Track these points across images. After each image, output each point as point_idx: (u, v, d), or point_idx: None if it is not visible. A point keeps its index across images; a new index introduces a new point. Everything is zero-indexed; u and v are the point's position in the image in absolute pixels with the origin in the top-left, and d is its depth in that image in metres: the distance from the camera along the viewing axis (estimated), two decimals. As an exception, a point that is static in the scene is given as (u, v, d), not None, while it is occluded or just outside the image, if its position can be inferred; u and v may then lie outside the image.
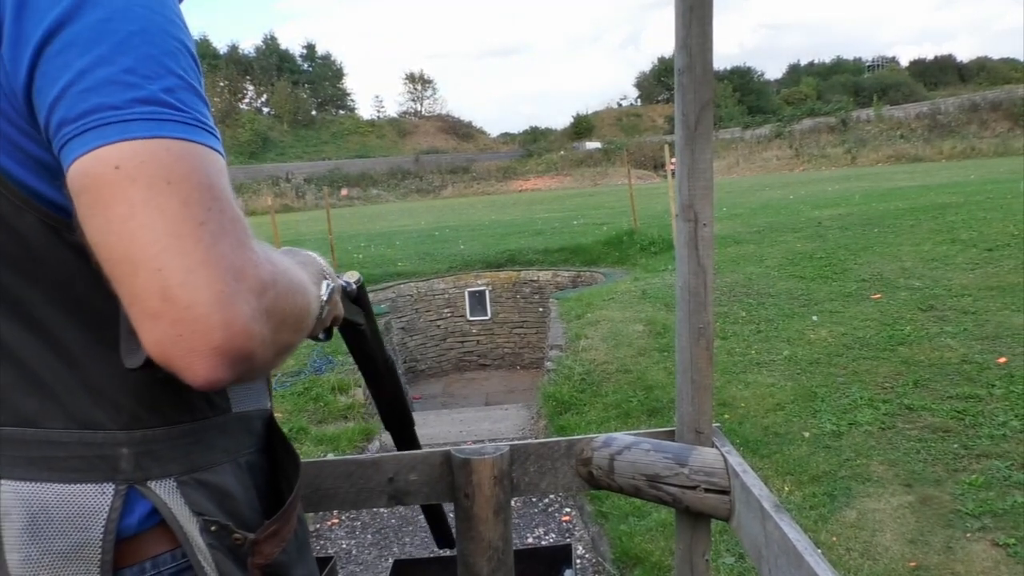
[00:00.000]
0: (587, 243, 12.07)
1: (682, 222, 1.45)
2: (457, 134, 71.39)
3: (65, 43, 0.58)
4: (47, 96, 0.59)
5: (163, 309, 0.55)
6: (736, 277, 8.06)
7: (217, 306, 0.55)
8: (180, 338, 0.56)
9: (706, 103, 1.39)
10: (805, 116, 53.04)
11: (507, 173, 54.21)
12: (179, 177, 0.57)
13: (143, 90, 0.58)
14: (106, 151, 0.56)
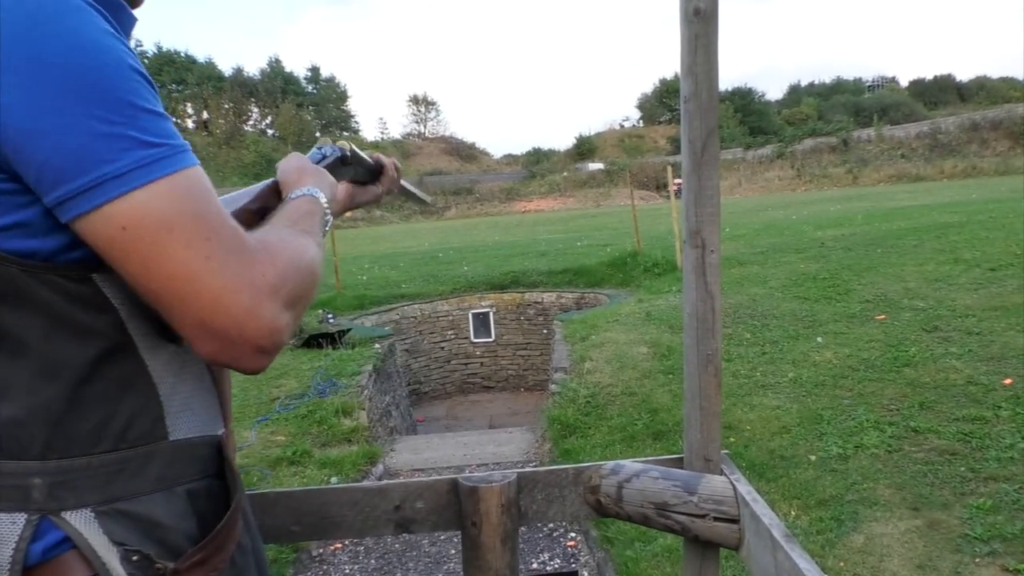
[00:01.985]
0: (591, 264, 12.09)
1: (689, 248, 1.45)
2: (460, 155, 71.74)
3: (34, 103, 0.62)
4: (29, 153, 0.63)
5: (205, 335, 0.68)
6: (740, 298, 8.06)
7: (247, 321, 0.68)
8: (225, 351, 0.70)
9: (712, 129, 1.40)
10: (806, 136, 53.22)
11: (510, 194, 54.41)
12: (177, 222, 0.66)
13: (123, 139, 0.65)
14: (109, 211, 0.64)
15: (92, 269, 0.70)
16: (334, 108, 75.87)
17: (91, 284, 0.71)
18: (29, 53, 0.63)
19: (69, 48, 0.64)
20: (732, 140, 60.01)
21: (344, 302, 10.71)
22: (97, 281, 0.71)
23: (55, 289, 0.69)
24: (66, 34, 0.64)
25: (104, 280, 0.72)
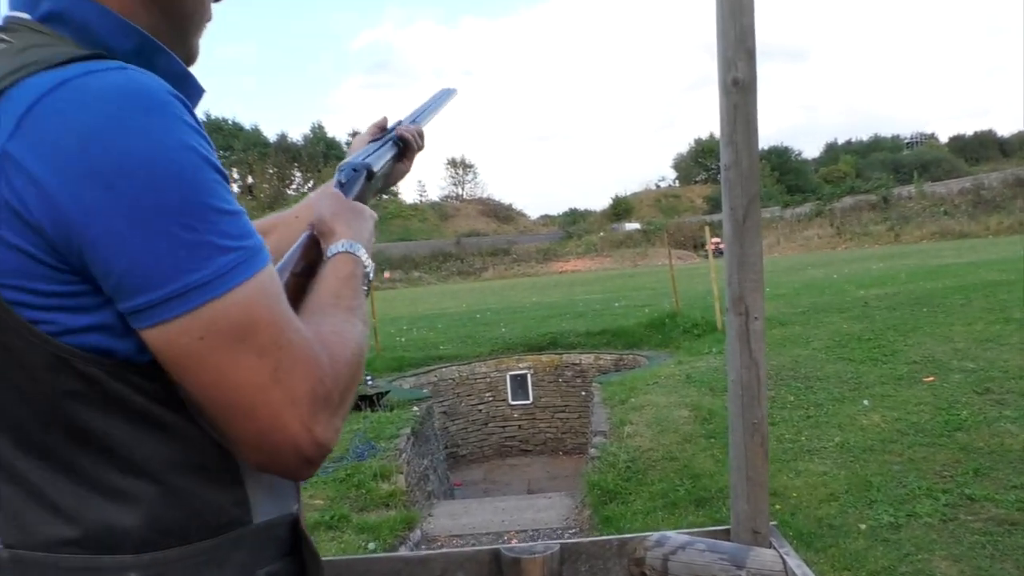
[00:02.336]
0: (629, 325, 12.02)
1: (733, 315, 1.45)
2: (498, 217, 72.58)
3: (115, 211, 0.62)
4: (108, 261, 0.63)
5: (259, 447, 0.69)
6: (783, 360, 7.92)
7: (302, 436, 0.68)
8: (275, 463, 0.70)
9: (754, 197, 1.41)
10: (845, 194, 52.86)
11: (547, 255, 54.68)
12: (251, 331, 0.66)
13: (205, 247, 0.64)
14: (187, 321, 0.64)
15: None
16: (374, 172, 77.56)
17: (166, 383, 0.70)
18: (111, 158, 0.62)
19: (152, 153, 0.63)
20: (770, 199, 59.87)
21: (383, 363, 10.77)
22: (166, 380, 0.70)
23: (136, 388, 0.69)
24: (149, 137, 0.63)
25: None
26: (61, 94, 0.63)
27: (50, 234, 0.63)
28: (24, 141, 0.62)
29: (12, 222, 0.63)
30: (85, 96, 0.63)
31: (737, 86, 1.47)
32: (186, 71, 0.81)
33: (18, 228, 0.63)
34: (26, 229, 0.63)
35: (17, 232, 0.63)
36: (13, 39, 0.70)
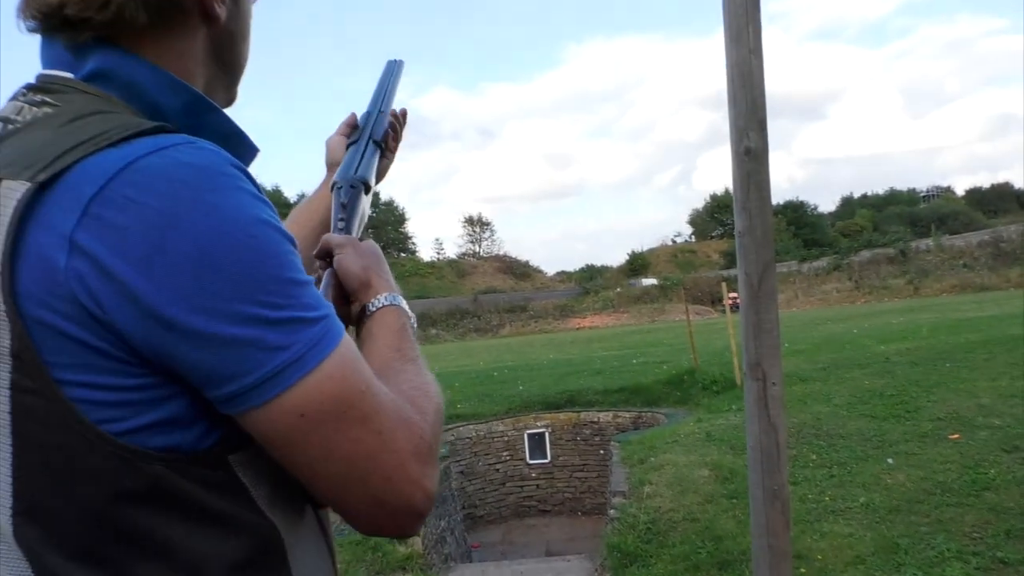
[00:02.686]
0: (647, 382, 11.93)
1: (750, 380, 1.45)
2: (514, 273, 72.84)
3: (197, 298, 0.60)
4: (192, 352, 0.61)
5: (377, 511, 0.69)
6: (804, 417, 7.82)
7: (414, 492, 0.69)
8: (392, 524, 0.71)
9: (768, 263, 1.42)
10: (862, 248, 52.71)
11: (564, 311, 54.63)
12: (348, 400, 0.66)
13: (292, 323, 0.64)
14: (287, 400, 0.63)
15: (228, 451, 0.68)
16: (392, 230, 78.53)
17: (228, 469, 0.68)
18: (188, 246, 0.60)
19: (229, 235, 0.61)
20: (786, 253, 59.78)
21: (400, 423, 10.72)
22: (233, 464, 0.69)
23: (197, 480, 0.66)
24: (223, 218, 0.61)
25: (239, 461, 0.69)
26: (128, 177, 0.60)
27: (123, 328, 0.61)
28: (94, 231, 0.59)
29: (80, 317, 0.60)
30: (154, 179, 0.61)
31: (749, 155, 1.51)
32: (238, 129, 0.79)
33: (87, 323, 0.61)
34: (95, 324, 0.61)
35: (85, 327, 0.61)
36: (60, 102, 0.68)
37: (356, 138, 1.14)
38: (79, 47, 0.71)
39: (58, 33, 0.71)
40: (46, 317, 0.60)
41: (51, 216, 0.60)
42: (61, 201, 0.60)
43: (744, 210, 1.46)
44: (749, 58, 1.48)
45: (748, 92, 1.48)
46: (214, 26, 0.78)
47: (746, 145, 1.49)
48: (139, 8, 0.70)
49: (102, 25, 0.70)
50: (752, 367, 1.45)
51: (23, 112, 0.68)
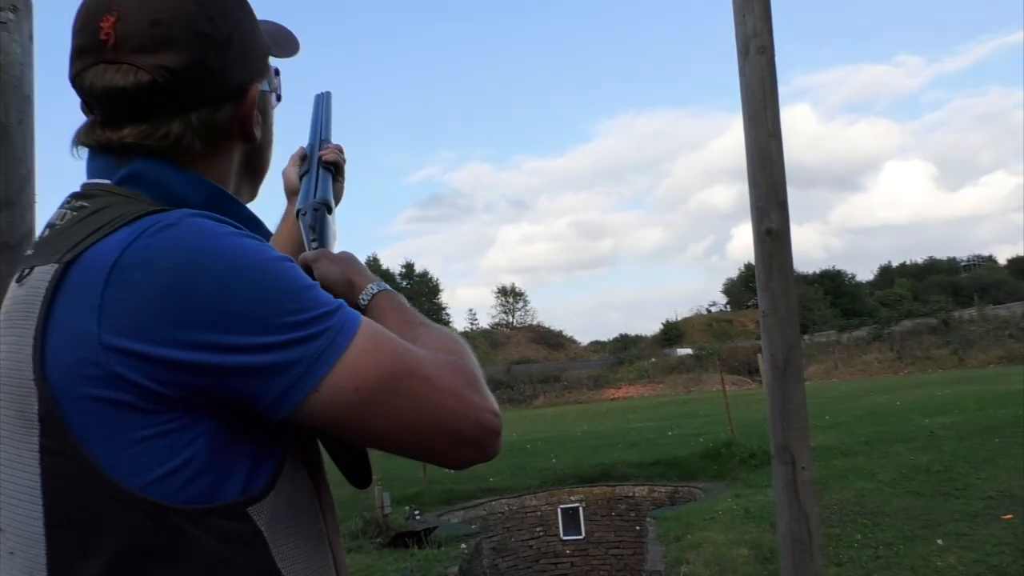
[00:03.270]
0: (683, 455, 11.68)
1: (779, 464, 1.42)
2: (548, 343, 72.56)
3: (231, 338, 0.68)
4: (243, 381, 0.68)
5: (463, 444, 0.76)
6: (846, 494, 7.56)
7: (483, 414, 0.76)
8: (479, 450, 0.77)
9: (793, 344, 1.41)
10: (903, 318, 51.62)
11: (598, 381, 54.05)
12: (391, 361, 0.73)
13: (318, 318, 0.71)
14: (334, 380, 0.70)
15: (248, 503, 0.72)
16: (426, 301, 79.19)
17: (247, 520, 0.72)
18: (204, 303, 0.67)
19: (246, 267, 0.70)
20: (824, 323, 58.79)
21: (431, 496, 10.59)
22: (252, 515, 0.72)
23: (215, 532, 0.70)
24: (236, 256, 0.70)
25: (258, 512, 0.72)
26: (142, 243, 0.69)
27: (165, 390, 0.67)
28: (120, 294, 0.67)
29: (108, 378, 0.67)
30: (166, 242, 0.69)
31: (771, 235, 1.51)
32: (253, 216, 0.88)
33: (116, 382, 0.67)
34: (137, 388, 0.67)
35: (114, 386, 0.67)
36: (90, 204, 0.77)
37: (307, 168, 1.21)
38: (121, 158, 0.80)
39: (111, 154, 0.80)
40: (73, 382, 0.67)
41: (78, 291, 0.68)
42: (86, 276, 0.69)
43: (767, 290, 1.46)
44: (768, 141, 1.50)
45: (768, 174, 1.50)
46: (250, 144, 0.89)
47: (767, 226, 1.49)
48: (195, 137, 0.81)
49: (158, 151, 0.79)
50: (780, 450, 1.42)
51: (65, 217, 0.78)
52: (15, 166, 1.53)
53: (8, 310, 0.75)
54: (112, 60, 0.76)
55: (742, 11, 1.61)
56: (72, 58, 0.80)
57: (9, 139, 1.54)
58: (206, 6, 0.80)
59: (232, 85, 0.83)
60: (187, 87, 0.78)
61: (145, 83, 0.76)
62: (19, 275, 0.76)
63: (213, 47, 0.80)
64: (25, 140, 1.56)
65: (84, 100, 0.81)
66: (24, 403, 0.70)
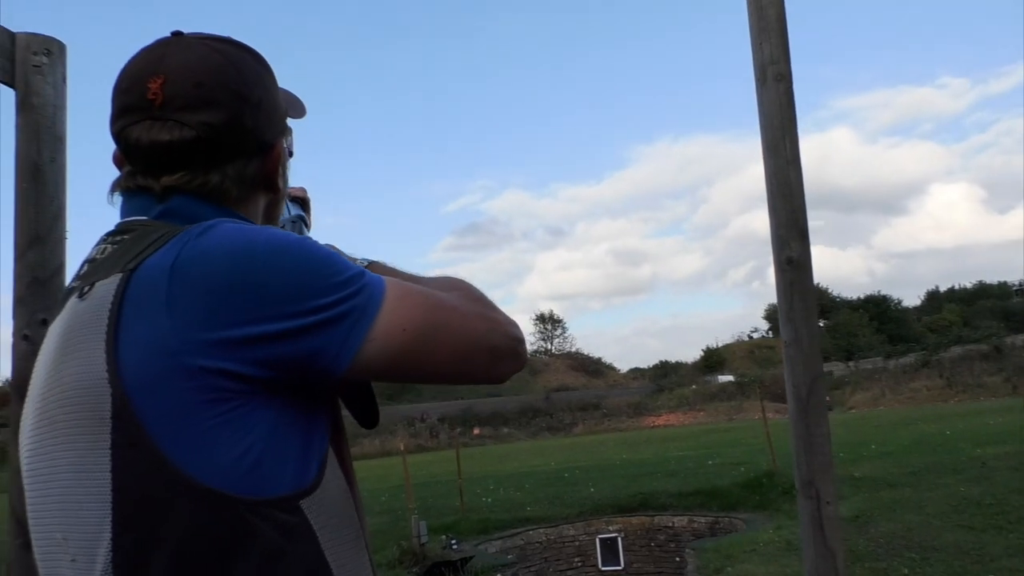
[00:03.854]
0: (724, 485, 11.45)
1: (803, 499, 1.39)
2: (587, 371, 72.12)
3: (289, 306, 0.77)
4: (300, 346, 0.77)
5: (500, 356, 0.90)
6: (893, 527, 7.33)
7: (509, 326, 0.92)
8: (515, 359, 0.91)
9: (817, 375, 1.38)
10: (952, 344, 50.24)
11: (638, 409, 53.48)
12: (423, 304, 0.85)
13: (351, 280, 0.81)
14: (382, 325, 0.81)
15: (300, 497, 0.78)
16: (465, 328, 79.22)
17: (300, 513, 0.78)
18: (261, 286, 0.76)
19: (285, 251, 0.79)
20: (870, 349, 57.53)
21: (468, 526, 10.53)
22: (304, 509, 0.79)
23: (273, 523, 0.76)
24: (276, 243, 0.79)
25: (308, 505, 0.79)
26: (194, 245, 0.77)
27: (242, 369, 0.75)
28: (188, 319, 0.74)
29: (179, 369, 0.73)
30: (213, 241, 0.78)
31: (791, 264, 1.49)
32: None
33: (199, 377, 0.74)
34: (209, 374, 0.74)
35: (195, 380, 0.73)
36: (129, 236, 0.84)
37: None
38: (159, 199, 0.88)
39: (149, 196, 0.88)
40: (145, 377, 0.73)
41: (145, 293, 0.76)
42: (150, 280, 0.76)
43: (789, 321, 1.43)
44: (787, 169, 1.49)
45: (787, 202, 1.48)
46: (273, 195, 0.99)
47: (788, 255, 1.47)
48: (233, 184, 0.90)
49: (197, 194, 0.87)
50: (804, 485, 1.39)
51: (105, 251, 0.85)
52: (46, 203, 1.58)
53: (72, 324, 0.80)
54: (159, 117, 0.85)
55: (759, 38, 1.61)
56: (116, 115, 0.88)
57: (41, 177, 1.59)
58: (242, 70, 0.90)
59: (261, 141, 0.92)
60: (225, 141, 0.87)
61: (189, 138, 0.85)
62: (79, 293, 0.82)
63: (247, 106, 0.89)
64: (57, 178, 1.62)
65: (124, 153, 0.89)
66: (97, 404, 0.75)
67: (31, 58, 1.64)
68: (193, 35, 0.91)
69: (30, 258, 1.56)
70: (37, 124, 1.60)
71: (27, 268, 1.56)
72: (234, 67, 0.89)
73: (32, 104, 1.62)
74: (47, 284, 1.57)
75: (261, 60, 0.96)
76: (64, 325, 0.82)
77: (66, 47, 1.71)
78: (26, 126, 1.62)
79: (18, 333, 1.54)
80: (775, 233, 1.47)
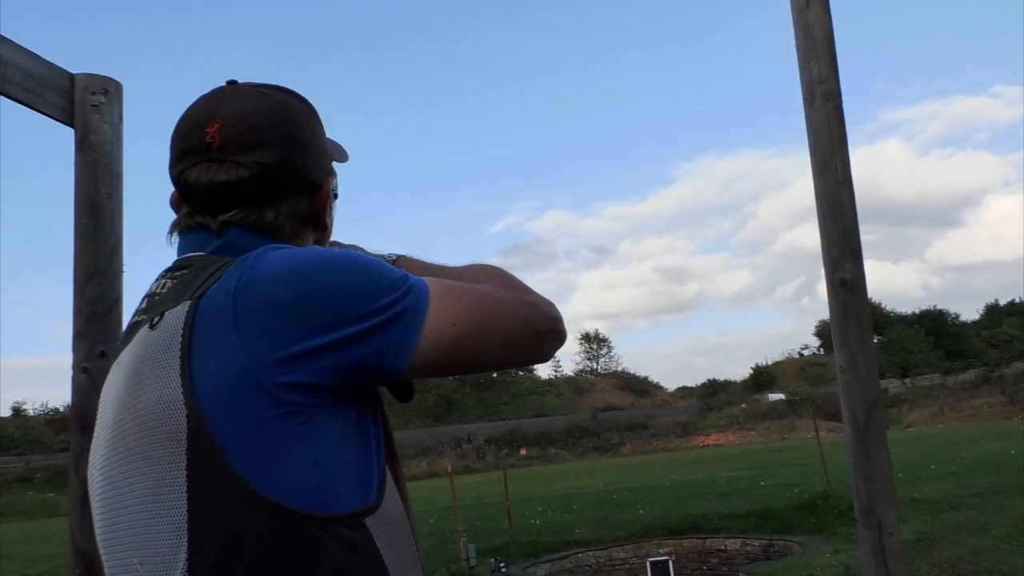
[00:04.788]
0: (777, 507, 11.18)
1: (864, 529, 1.35)
2: (633, 390, 71.36)
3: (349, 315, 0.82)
4: (362, 351, 0.82)
5: (545, 339, 0.95)
6: (958, 550, 7.07)
7: (546, 307, 0.96)
8: (557, 339, 0.97)
9: (875, 401, 1.34)
10: (1015, 359, 48.49)
11: (687, 428, 52.69)
12: (466, 298, 0.89)
13: (399, 283, 0.86)
14: (434, 322, 0.85)
15: (365, 514, 0.82)
16: (510, 348, 79.05)
17: (365, 531, 0.81)
18: (322, 300, 0.81)
19: (340, 266, 0.84)
20: (927, 365, 55.90)
21: (517, 548, 10.46)
22: (369, 527, 0.82)
23: (341, 540, 0.79)
24: (328, 260, 0.85)
25: (372, 523, 0.82)
26: (252, 268, 0.82)
27: (315, 379, 0.79)
28: (257, 337, 0.78)
29: (248, 386, 0.77)
30: (269, 263, 0.83)
31: (845, 287, 1.46)
32: None
33: (272, 392, 0.78)
34: (281, 389, 0.78)
35: (268, 395, 0.77)
36: (188, 271, 0.89)
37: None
38: (216, 234, 0.93)
39: (206, 232, 0.93)
40: (219, 397, 0.77)
41: (212, 318, 0.80)
42: (215, 305, 0.80)
43: (844, 345, 1.40)
44: (838, 189, 1.46)
45: (839, 222, 1.45)
46: (321, 232, 1.04)
47: (840, 276, 1.44)
48: (286, 220, 0.95)
49: (252, 229, 0.92)
50: (865, 515, 1.34)
51: (165, 286, 0.90)
52: (104, 239, 1.63)
53: (144, 353, 0.84)
54: (216, 159, 0.90)
55: (807, 57, 1.58)
56: (175, 159, 0.93)
57: (99, 213, 1.64)
58: (291, 114, 0.96)
59: (311, 180, 0.98)
60: (278, 180, 0.93)
61: (244, 177, 0.90)
62: (150, 324, 0.86)
63: (298, 147, 0.95)
64: (114, 214, 1.67)
65: (183, 194, 0.94)
66: (173, 426, 0.78)
67: (89, 98, 1.70)
68: (246, 84, 0.98)
69: (89, 292, 1.61)
70: (95, 162, 1.65)
71: (86, 302, 1.60)
72: (284, 111, 0.95)
73: (90, 143, 1.68)
74: (105, 318, 1.61)
75: (308, 105, 1.01)
76: (135, 355, 0.86)
77: (122, 86, 1.77)
78: (85, 164, 1.68)
79: (77, 366, 1.58)
80: (827, 254, 1.43)
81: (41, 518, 25.30)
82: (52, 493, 29.14)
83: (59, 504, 25.72)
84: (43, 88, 1.59)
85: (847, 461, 1.40)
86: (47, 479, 32.24)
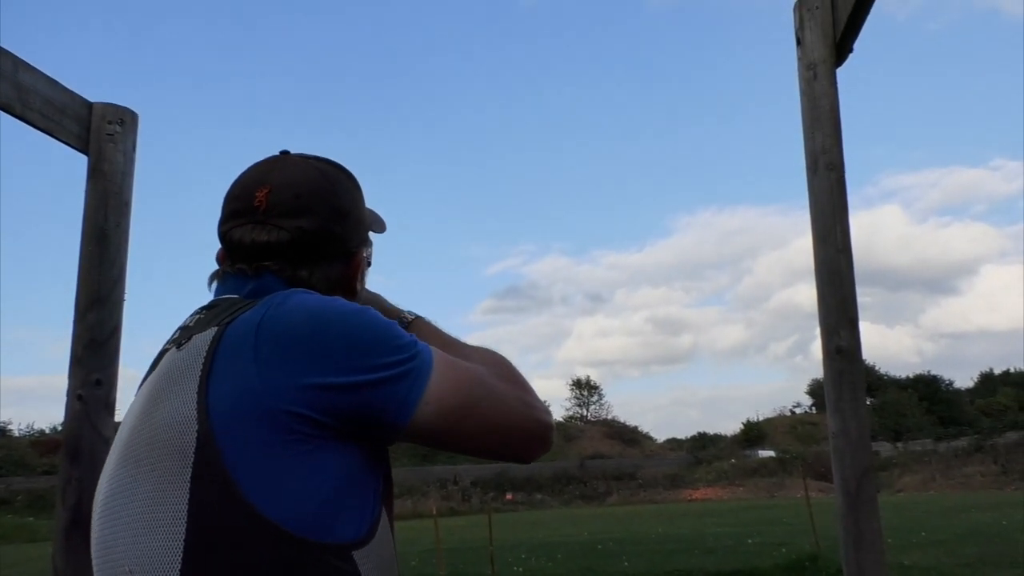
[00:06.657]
0: (764, 567, 11.01)
1: (852, 599, 1.34)
2: (623, 439, 70.71)
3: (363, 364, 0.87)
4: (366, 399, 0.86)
5: (534, 441, 0.98)
6: (944, 622, 6.95)
7: (542, 414, 0.99)
8: (544, 443, 0.99)
9: (867, 469, 1.35)
10: (1008, 429, 48.26)
11: (675, 481, 52.15)
12: (467, 378, 0.93)
13: (407, 346, 0.91)
14: (434, 391, 0.89)
15: (354, 547, 0.84)
16: (502, 390, 78.61)
17: (352, 563, 0.84)
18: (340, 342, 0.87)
19: (355, 319, 0.90)
20: (920, 430, 55.61)
21: (498, 596, 10.26)
22: (356, 559, 0.84)
23: (326, 569, 0.82)
24: (346, 311, 0.90)
25: (360, 557, 0.85)
26: (278, 306, 0.88)
27: (316, 415, 0.83)
28: (274, 367, 0.84)
29: (258, 413, 0.82)
30: (293, 304, 0.89)
31: (841, 354, 1.47)
32: None
33: (282, 418, 0.82)
34: (290, 417, 0.82)
35: (277, 420, 0.82)
36: (220, 305, 0.96)
37: None
38: (253, 278, 1.00)
39: (243, 276, 1.00)
40: (231, 417, 0.81)
41: (235, 343, 0.86)
42: (240, 334, 0.86)
43: (837, 411, 1.41)
44: (837, 257, 1.48)
45: (837, 290, 1.47)
46: (352, 297, 1.09)
47: (837, 344, 1.46)
48: (318, 281, 1.01)
49: (287, 282, 0.99)
50: (855, 586, 1.33)
51: (197, 319, 0.96)
52: (109, 266, 1.64)
53: (169, 371, 0.89)
54: (261, 221, 0.99)
55: (812, 127, 1.62)
56: (225, 218, 1.02)
57: (106, 241, 1.66)
58: (336, 185, 1.05)
59: (347, 248, 1.06)
60: (315, 244, 1.00)
61: (284, 240, 0.98)
62: (177, 344, 0.92)
63: (338, 217, 1.03)
64: (120, 242, 1.68)
65: (228, 250, 1.02)
66: (183, 440, 0.82)
67: (105, 127, 1.73)
68: (298, 154, 1.06)
69: (89, 319, 1.61)
70: (106, 190, 1.67)
71: (86, 329, 1.61)
72: (329, 183, 1.04)
73: (103, 171, 1.70)
74: (104, 345, 1.61)
75: (353, 179, 1.10)
76: (159, 374, 0.91)
77: (138, 116, 1.80)
78: (95, 191, 1.70)
79: (72, 393, 1.58)
80: (824, 322, 1.45)
81: (20, 542, 24.75)
82: (31, 518, 28.54)
83: (39, 529, 25.20)
84: (62, 116, 1.62)
85: (837, 527, 1.40)
86: (27, 502, 31.59)
